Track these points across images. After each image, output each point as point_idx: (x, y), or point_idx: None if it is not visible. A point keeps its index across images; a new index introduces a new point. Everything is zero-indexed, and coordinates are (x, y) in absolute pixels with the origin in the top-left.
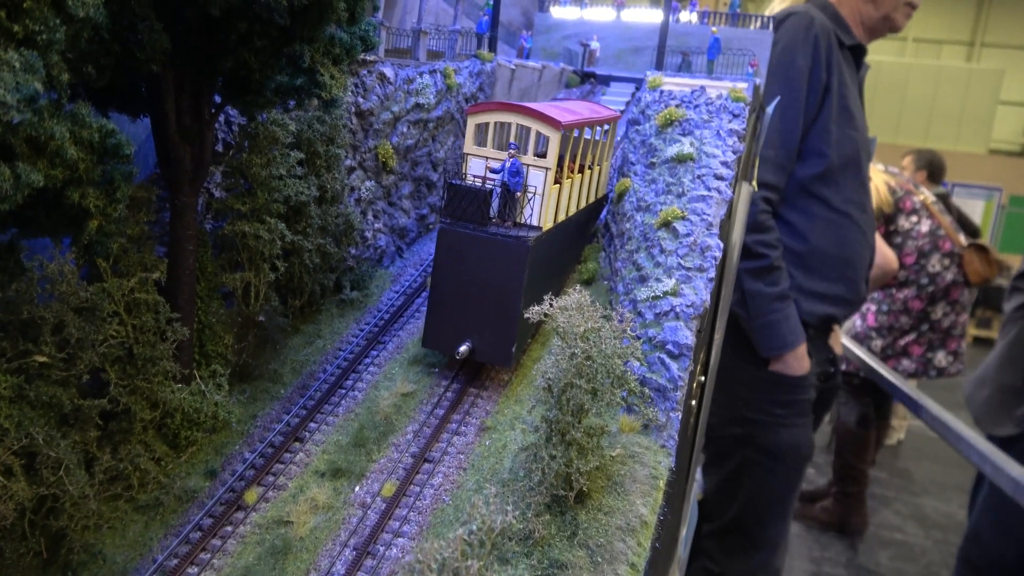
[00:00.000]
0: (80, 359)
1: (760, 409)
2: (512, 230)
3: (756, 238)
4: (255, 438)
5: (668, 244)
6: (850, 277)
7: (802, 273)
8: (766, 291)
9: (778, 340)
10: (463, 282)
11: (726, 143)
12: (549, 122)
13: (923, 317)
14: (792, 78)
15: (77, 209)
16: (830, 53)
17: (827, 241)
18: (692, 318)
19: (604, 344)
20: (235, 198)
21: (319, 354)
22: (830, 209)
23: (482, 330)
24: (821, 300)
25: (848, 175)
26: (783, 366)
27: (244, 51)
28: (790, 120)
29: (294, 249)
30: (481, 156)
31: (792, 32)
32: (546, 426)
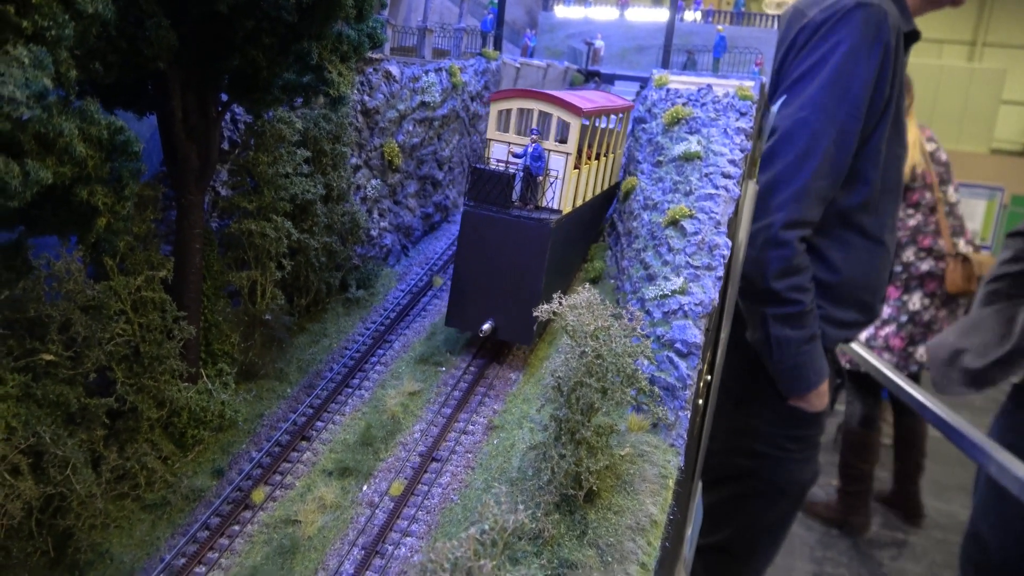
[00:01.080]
0: (87, 358)
1: (772, 444)
2: (534, 213)
3: (790, 283)
4: (262, 437)
5: (676, 242)
6: (870, 302)
7: (831, 305)
8: (794, 336)
9: (803, 382)
10: (486, 263)
11: (733, 141)
12: (571, 109)
13: (900, 306)
14: (855, 90)
15: (85, 207)
16: (898, 56)
17: (859, 272)
18: (701, 316)
19: (614, 343)
20: (241, 196)
21: (325, 353)
22: (865, 238)
23: (504, 309)
24: (845, 327)
25: (889, 199)
26: (804, 403)
27: (251, 48)
28: (847, 145)
29: (300, 248)
30: (503, 141)
31: (860, 32)
32: (555, 425)
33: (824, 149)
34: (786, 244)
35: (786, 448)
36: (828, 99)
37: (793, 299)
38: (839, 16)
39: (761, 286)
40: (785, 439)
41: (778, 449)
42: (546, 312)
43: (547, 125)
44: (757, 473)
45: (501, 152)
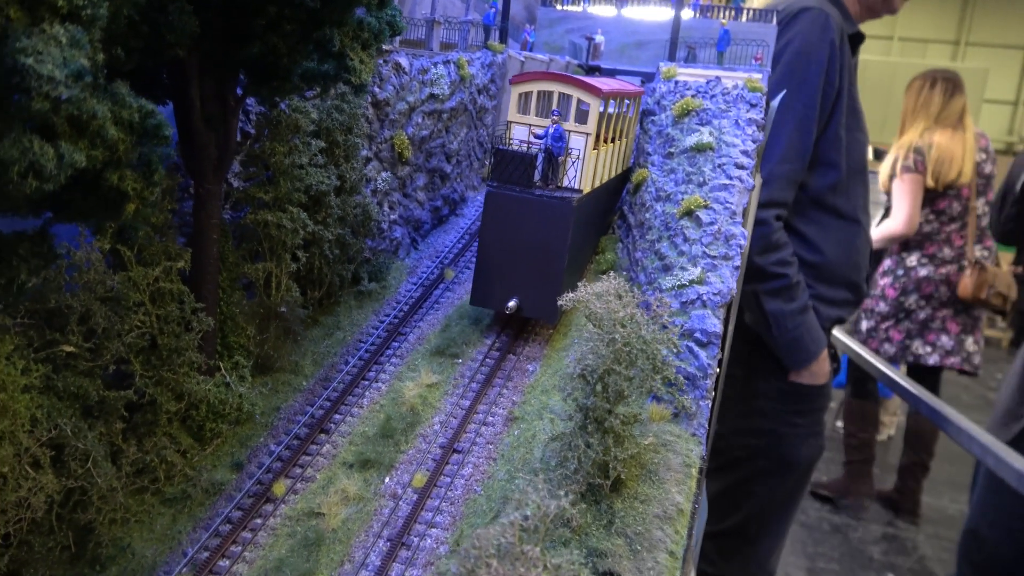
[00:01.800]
0: (106, 349)
1: (779, 420)
2: (556, 192)
3: (773, 258)
4: (279, 430)
5: (692, 233)
6: (857, 280)
7: (819, 283)
8: (787, 308)
9: (803, 352)
10: (510, 242)
11: (745, 132)
12: (591, 90)
13: (898, 306)
14: (808, 82)
15: (114, 192)
16: (843, 52)
17: (840, 251)
18: (719, 306)
19: (643, 330)
20: (257, 187)
21: (339, 346)
22: (841, 219)
23: (528, 287)
24: (835, 305)
25: (857, 181)
26: (807, 376)
27: (273, 35)
28: (806, 133)
29: (314, 239)
30: (524, 123)
31: (807, 32)
32: (581, 414)
33: (787, 136)
34: (763, 223)
35: (793, 423)
36: (785, 93)
37: (778, 272)
38: (788, 19)
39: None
40: (792, 414)
41: (786, 425)
42: (571, 300)
43: (567, 106)
44: (766, 451)
45: (522, 133)
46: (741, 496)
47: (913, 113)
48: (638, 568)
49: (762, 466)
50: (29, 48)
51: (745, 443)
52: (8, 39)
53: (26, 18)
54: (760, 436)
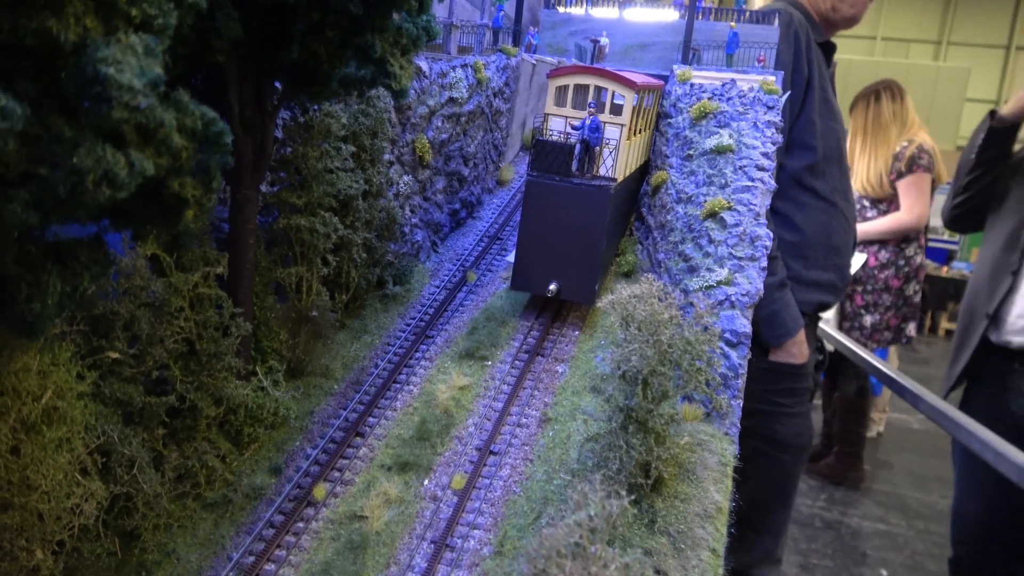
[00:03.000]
0: (149, 355)
1: (764, 400)
2: (592, 180)
3: None
4: (315, 434)
5: (717, 234)
6: (839, 264)
7: (798, 263)
8: (766, 281)
9: (781, 328)
10: (549, 229)
11: (764, 134)
12: (626, 83)
13: (899, 294)
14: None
15: (175, 199)
16: (809, 48)
17: (818, 230)
18: (748, 307)
19: (687, 331)
20: (289, 191)
21: (368, 349)
22: (819, 199)
23: (567, 272)
24: (817, 288)
25: (833, 165)
26: (785, 355)
27: (314, 41)
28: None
29: (343, 243)
30: (561, 116)
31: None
32: (622, 415)
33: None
34: None
35: (778, 403)
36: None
37: None
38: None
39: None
40: (774, 393)
41: (770, 404)
42: (610, 303)
43: (603, 99)
44: (756, 432)
45: (560, 125)
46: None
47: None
48: (683, 566)
49: (753, 446)
50: (109, 58)
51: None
52: (88, 49)
53: (102, 27)
54: (747, 416)
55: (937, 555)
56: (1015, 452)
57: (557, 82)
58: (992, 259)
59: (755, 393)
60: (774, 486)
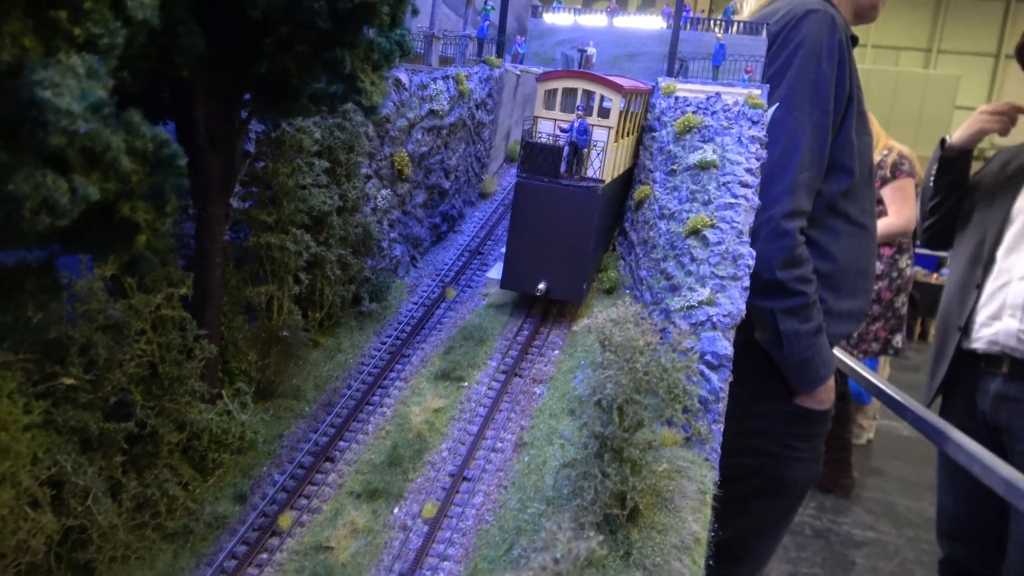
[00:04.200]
0: (107, 380)
1: (778, 442)
2: (580, 182)
3: (794, 274)
4: (283, 459)
5: (699, 253)
6: (866, 288)
7: (832, 295)
8: (802, 329)
9: (812, 375)
10: (538, 229)
11: (748, 150)
12: (613, 87)
13: (889, 306)
14: (820, 87)
15: (126, 224)
16: (850, 54)
17: (851, 257)
18: (730, 328)
19: (663, 358)
20: (259, 208)
21: (341, 369)
22: (851, 223)
23: (556, 271)
24: (847, 319)
25: (865, 186)
26: (812, 400)
27: (282, 56)
28: (822, 137)
29: (316, 261)
30: (550, 119)
31: (815, 35)
32: (597, 442)
33: (803, 143)
34: (788, 234)
35: (793, 447)
36: (798, 97)
37: (798, 290)
38: (793, 23)
39: (766, 278)
40: (792, 437)
41: (785, 448)
42: (586, 327)
43: (591, 102)
44: (762, 471)
45: (549, 128)
46: (733, 514)
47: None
48: None
49: (756, 486)
50: (47, 80)
51: (741, 462)
52: (24, 71)
53: (41, 47)
54: (757, 456)
55: (926, 563)
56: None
57: (546, 86)
58: (960, 274)
59: (770, 434)
60: (768, 525)
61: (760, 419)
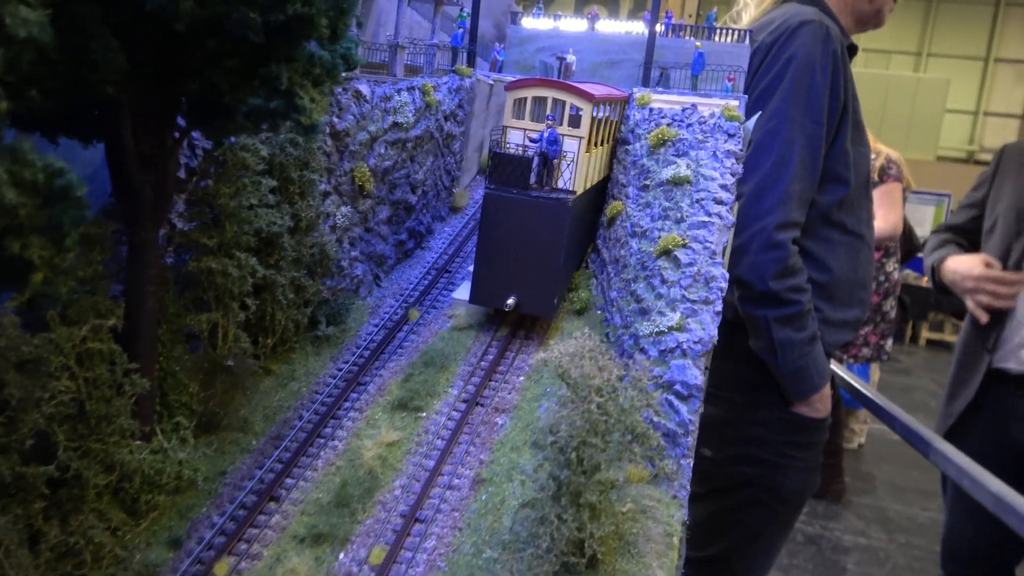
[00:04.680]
0: (23, 422)
1: (776, 451)
2: (551, 193)
3: (788, 283)
4: (224, 498)
5: (670, 274)
6: (863, 298)
7: (827, 304)
8: (797, 338)
9: (807, 384)
10: (507, 242)
11: (724, 165)
12: (583, 95)
13: (877, 310)
14: (814, 98)
15: (18, 261)
16: (845, 65)
17: (846, 268)
18: (701, 355)
19: (621, 397)
20: (200, 231)
21: (293, 399)
22: (846, 233)
23: (526, 285)
24: (844, 329)
25: (863, 195)
26: (808, 408)
27: (212, 72)
28: (816, 148)
29: (266, 284)
30: (519, 128)
31: (810, 45)
32: (554, 484)
33: (797, 154)
34: (781, 245)
35: (790, 456)
36: (792, 108)
37: (792, 299)
38: (788, 34)
39: (760, 289)
40: (789, 446)
41: (782, 457)
42: (542, 361)
43: (561, 111)
44: (759, 481)
45: (518, 138)
46: (727, 525)
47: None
48: None
49: (752, 495)
50: None
51: (738, 471)
52: None
53: None
54: (754, 465)
55: (918, 568)
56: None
57: (515, 94)
58: None
59: (767, 443)
60: (765, 537)
61: (756, 427)
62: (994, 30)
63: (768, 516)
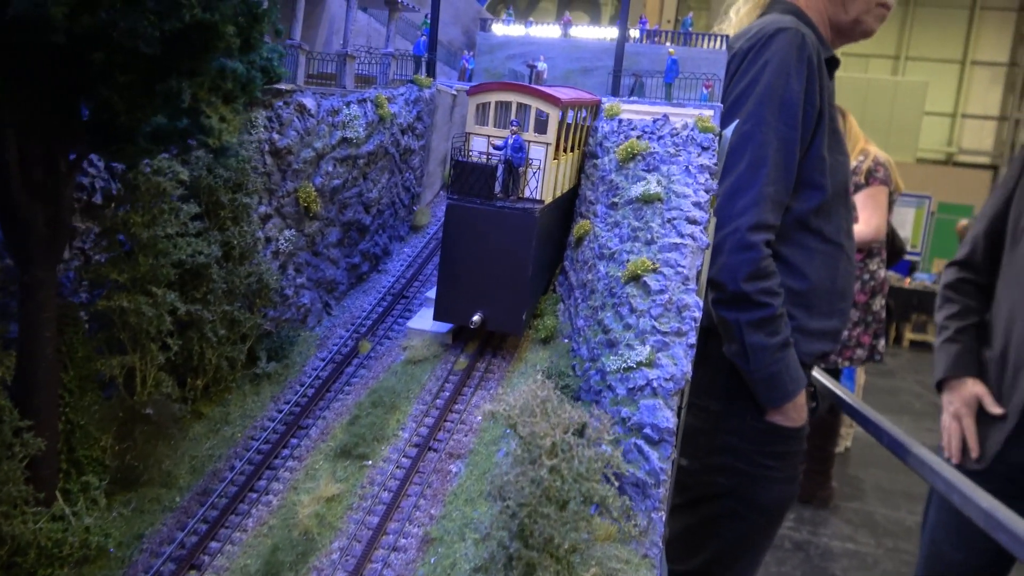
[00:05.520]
0: None
1: (751, 461)
2: (517, 203)
3: (760, 286)
4: (139, 567)
5: (639, 303)
6: (843, 309)
7: (804, 312)
8: (768, 343)
9: (780, 391)
10: (472, 256)
11: (697, 181)
12: (549, 99)
13: (867, 309)
14: (789, 102)
15: None
16: (821, 73)
17: (824, 276)
18: (673, 394)
19: (576, 458)
20: (112, 265)
21: (226, 446)
22: (826, 241)
23: (492, 301)
24: (821, 338)
25: (840, 204)
26: (782, 417)
27: (104, 88)
28: (790, 152)
29: (192, 321)
30: (483, 135)
31: (785, 51)
32: (504, 554)
33: (771, 157)
34: (753, 247)
35: (765, 465)
36: (766, 112)
37: (764, 302)
38: (764, 40)
39: (731, 290)
40: (764, 456)
41: (757, 467)
42: (489, 415)
43: (527, 116)
44: (735, 492)
45: (481, 145)
46: (707, 536)
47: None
48: None
49: (729, 506)
50: None
51: (714, 481)
52: None
53: None
54: (730, 475)
55: (906, 574)
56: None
57: (477, 99)
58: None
59: (742, 452)
60: (744, 549)
61: (731, 437)
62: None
63: (747, 528)
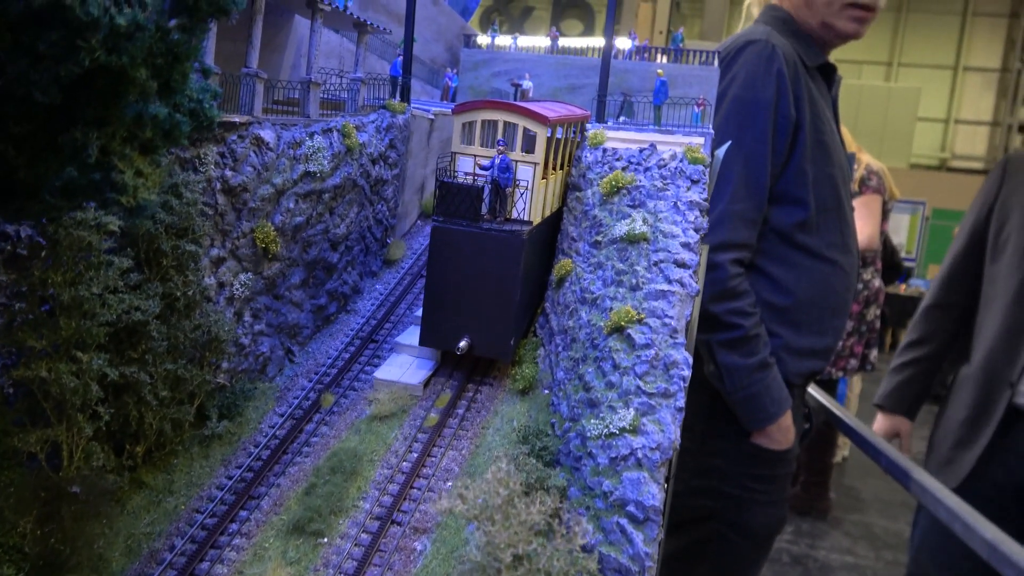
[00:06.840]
0: None
1: (737, 484)
2: (505, 225)
3: (727, 307)
4: None
5: (623, 358)
6: (837, 326)
7: (789, 330)
8: (743, 363)
9: (761, 413)
10: (458, 279)
11: (686, 219)
12: (536, 118)
13: (860, 319)
14: (755, 116)
15: None
16: (797, 84)
17: (812, 292)
18: (660, 465)
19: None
20: (29, 329)
21: (168, 521)
22: (813, 257)
23: (480, 325)
24: (810, 357)
25: (830, 217)
26: (766, 439)
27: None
28: (757, 167)
29: (127, 385)
30: (469, 154)
31: (752, 64)
32: None
33: (736, 174)
34: (718, 266)
35: (750, 488)
36: (733, 128)
37: (733, 323)
38: (732, 55)
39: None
40: (749, 479)
41: (742, 489)
42: (446, 511)
43: (513, 136)
44: (721, 515)
45: (467, 165)
46: (694, 560)
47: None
48: None
49: (716, 530)
50: None
51: (700, 503)
52: None
53: None
54: (715, 498)
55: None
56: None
57: (463, 118)
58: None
59: (728, 475)
60: (735, 571)
61: (716, 458)
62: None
63: (734, 551)
